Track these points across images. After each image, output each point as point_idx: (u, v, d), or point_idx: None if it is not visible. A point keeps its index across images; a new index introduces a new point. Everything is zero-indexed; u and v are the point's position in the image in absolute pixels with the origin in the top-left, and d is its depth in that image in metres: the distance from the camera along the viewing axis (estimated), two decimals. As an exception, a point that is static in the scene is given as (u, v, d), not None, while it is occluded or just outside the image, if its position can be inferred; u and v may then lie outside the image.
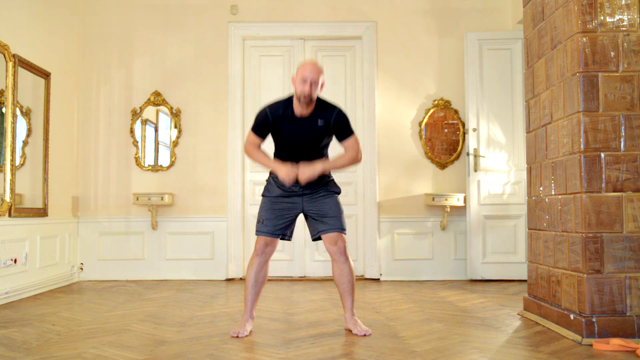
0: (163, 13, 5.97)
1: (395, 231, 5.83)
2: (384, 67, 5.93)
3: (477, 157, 5.62)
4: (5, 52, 4.54)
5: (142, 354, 2.90)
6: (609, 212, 3.15)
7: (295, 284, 5.52)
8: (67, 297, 4.76)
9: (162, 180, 5.88)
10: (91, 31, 5.95)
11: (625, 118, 3.18)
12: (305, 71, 3.20)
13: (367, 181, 5.86)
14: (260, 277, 3.38)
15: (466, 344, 3.11)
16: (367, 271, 5.80)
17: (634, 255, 3.12)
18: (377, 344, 3.09)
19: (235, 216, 5.82)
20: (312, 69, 3.20)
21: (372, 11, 5.97)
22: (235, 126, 5.87)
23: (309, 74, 3.18)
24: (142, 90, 5.93)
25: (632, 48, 3.20)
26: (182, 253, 5.81)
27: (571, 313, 3.24)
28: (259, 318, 3.71)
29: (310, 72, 3.19)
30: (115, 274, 5.78)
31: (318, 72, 3.21)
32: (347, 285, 3.40)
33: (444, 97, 5.90)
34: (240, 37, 5.94)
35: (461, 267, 5.77)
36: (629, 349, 2.91)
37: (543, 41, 3.70)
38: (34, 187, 5.06)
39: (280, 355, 2.89)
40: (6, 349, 3.01)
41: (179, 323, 3.66)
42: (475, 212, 5.60)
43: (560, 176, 3.43)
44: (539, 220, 3.75)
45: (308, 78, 3.17)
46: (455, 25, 5.93)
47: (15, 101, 4.67)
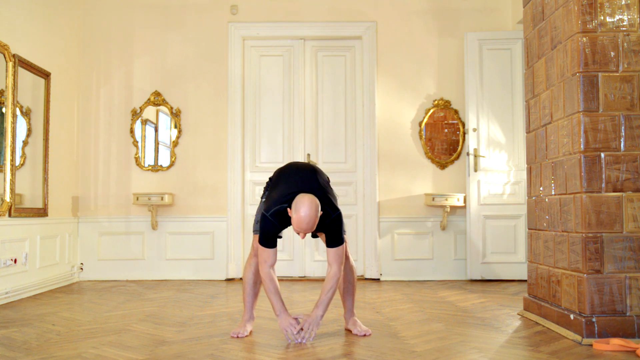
0: (163, 13, 5.97)
1: (395, 231, 5.83)
2: (384, 67, 5.93)
3: (477, 157, 5.62)
4: (5, 52, 4.54)
5: (142, 354, 2.90)
6: (609, 212, 3.14)
7: (295, 284, 5.52)
8: (67, 297, 4.76)
9: (162, 180, 5.88)
10: (91, 31, 5.95)
11: (625, 118, 3.18)
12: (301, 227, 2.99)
13: (367, 181, 5.86)
14: (259, 278, 3.37)
15: (466, 344, 3.11)
16: (367, 271, 5.80)
17: (634, 255, 3.12)
18: (377, 344, 3.09)
19: (235, 216, 5.82)
20: (307, 226, 2.98)
21: (372, 11, 5.97)
22: (235, 126, 5.87)
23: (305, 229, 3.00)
24: (142, 90, 5.93)
25: (632, 48, 3.20)
26: (182, 253, 5.81)
27: (571, 313, 3.24)
28: (259, 318, 3.71)
29: (306, 228, 3.00)
30: (115, 274, 5.78)
31: (314, 224, 3.00)
32: (348, 285, 3.40)
33: (444, 97, 5.90)
34: (240, 37, 5.94)
35: (461, 267, 5.77)
36: (629, 349, 2.91)
37: (543, 41, 3.70)
38: (34, 187, 5.06)
39: (280, 355, 2.89)
40: (6, 349, 3.01)
41: (179, 323, 3.66)
42: (475, 212, 5.60)
43: (560, 176, 3.43)
44: (539, 220, 3.75)
45: (303, 231, 3.02)
46: (455, 25, 5.93)
47: (15, 101, 4.67)
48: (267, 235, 3.11)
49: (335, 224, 3.12)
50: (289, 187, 3.13)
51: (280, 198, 3.10)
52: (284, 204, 3.07)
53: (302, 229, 2.99)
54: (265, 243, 3.12)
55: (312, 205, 2.97)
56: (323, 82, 6.01)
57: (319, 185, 3.16)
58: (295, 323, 3.15)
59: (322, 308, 3.17)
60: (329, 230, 3.13)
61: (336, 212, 3.12)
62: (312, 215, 2.97)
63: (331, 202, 3.13)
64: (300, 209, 2.96)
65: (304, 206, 2.96)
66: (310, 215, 2.96)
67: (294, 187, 3.11)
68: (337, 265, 3.14)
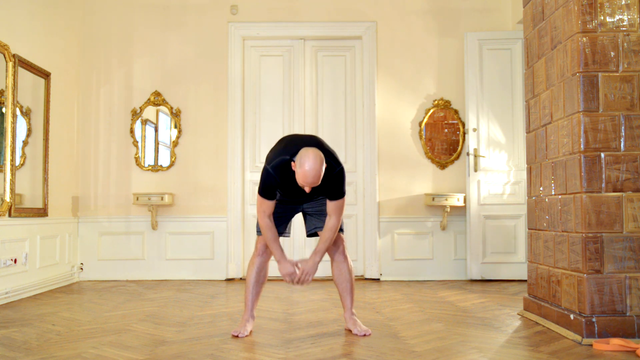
0: (163, 13, 5.97)
1: (395, 231, 5.83)
2: (384, 67, 5.93)
3: (477, 157, 5.62)
4: (5, 52, 4.54)
5: (142, 354, 2.90)
6: (609, 212, 3.15)
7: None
8: (67, 297, 4.76)
9: (162, 180, 5.88)
10: (91, 31, 5.95)
11: (625, 118, 3.18)
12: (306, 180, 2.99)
13: (367, 181, 5.86)
14: (261, 277, 3.39)
15: (466, 344, 3.11)
16: (367, 271, 5.80)
17: (634, 255, 3.12)
18: (377, 344, 3.09)
19: (235, 216, 5.82)
20: (313, 178, 2.98)
21: (372, 11, 5.97)
22: (235, 126, 5.87)
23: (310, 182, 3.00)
24: (142, 90, 5.93)
25: (632, 48, 3.20)
26: (182, 253, 5.81)
27: (571, 313, 3.24)
28: (259, 318, 3.71)
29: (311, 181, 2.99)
30: (115, 274, 5.78)
31: (319, 177, 3.00)
32: (347, 284, 3.40)
33: (444, 97, 5.90)
34: (240, 37, 5.94)
35: (461, 267, 5.77)
36: (629, 349, 2.91)
37: (543, 41, 3.70)
38: (34, 187, 5.06)
39: (280, 355, 2.89)
40: (6, 349, 3.01)
41: (179, 323, 3.66)
42: (475, 212, 5.60)
43: (560, 176, 3.43)
44: (539, 220, 3.75)
45: (308, 184, 3.01)
46: (455, 25, 5.93)
47: (15, 101, 4.67)
48: (267, 188, 3.16)
49: (338, 178, 3.16)
50: (292, 142, 3.18)
51: (283, 150, 3.14)
52: (287, 155, 3.09)
53: (308, 182, 3.00)
54: (265, 194, 3.17)
55: (317, 158, 2.98)
56: (323, 82, 6.01)
57: (321, 144, 3.19)
58: (294, 270, 3.25)
59: (319, 255, 3.27)
60: (332, 185, 3.16)
61: (339, 167, 3.17)
62: (317, 167, 2.98)
63: (334, 157, 3.18)
64: (305, 163, 2.97)
65: (309, 159, 2.97)
66: (315, 168, 2.97)
67: (297, 143, 3.15)
68: (337, 217, 3.23)
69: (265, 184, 3.16)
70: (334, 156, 3.18)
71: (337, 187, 3.18)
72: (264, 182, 3.17)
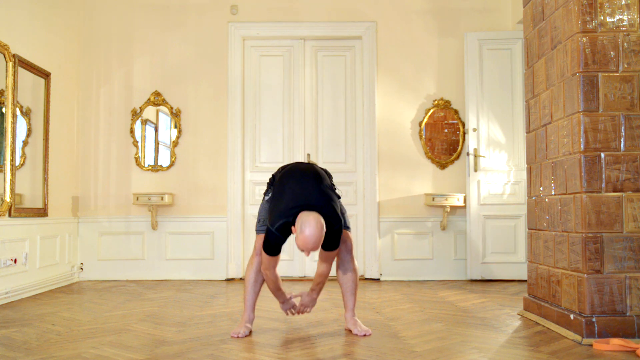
0: (163, 13, 5.97)
1: (395, 231, 5.83)
2: (384, 67, 5.93)
3: (477, 157, 5.62)
4: (5, 52, 4.54)
5: (142, 354, 2.90)
6: (609, 212, 3.14)
7: (295, 284, 5.51)
8: (67, 297, 4.76)
9: (162, 180, 5.88)
10: (91, 31, 5.95)
11: (625, 118, 3.18)
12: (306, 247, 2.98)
13: (367, 181, 5.86)
14: (260, 277, 3.38)
15: (466, 344, 3.11)
16: (367, 271, 5.80)
17: (634, 255, 3.12)
18: (377, 344, 3.09)
19: (235, 216, 5.82)
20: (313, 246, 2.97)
21: (372, 11, 5.97)
22: (235, 126, 5.87)
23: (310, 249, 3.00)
24: (142, 90, 5.93)
25: (632, 48, 3.20)
26: (182, 253, 5.81)
27: (571, 313, 3.24)
28: (259, 318, 3.71)
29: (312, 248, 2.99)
30: (115, 274, 5.78)
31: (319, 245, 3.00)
32: (351, 284, 3.40)
33: (444, 97, 5.90)
34: (240, 37, 5.94)
35: (461, 267, 5.77)
36: (629, 349, 2.91)
37: (543, 41, 3.70)
38: (34, 187, 5.06)
39: (280, 355, 2.89)
40: (6, 349, 3.01)
41: (179, 323, 3.66)
42: (475, 212, 5.60)
43: (560, 176, 3.43)
44: (539, 220, 3.75)
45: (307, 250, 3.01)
46: (455, 25, 5.93)
47: (15, 101, 4.67)
48: (272, 246, 3.13)
49: (335, 234, 3.13)
50: (293, 199, 3.10)
51: (285, 211, 3.08)
52: (289, 218, 3.06)
53: (308, 248, 2.99)
54: (270, 252, 3.13)
55: (318, 226, 2.95)
56: (323, 82, 6.01)
57: (322, 194, 3.13)
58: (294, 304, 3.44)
59: (316, 292, 3.40)
60: (329, 239, 3.13)
61: (338, 225, 3.11)
62: (317, 235, 2.96)
63: (335, 212, 3.11)
64: (305, 230, 2.95)
65: (309, 227, 2.95)
66: (315, 235, 2.96)
67: (298, 200, 3.09)
68: (328, 265, 3.27)
69: (271, 244, 3.12)
70: (335, 211, 3.11)
71: (334, 240, 3.15)
72: (269, 242, 3.11)
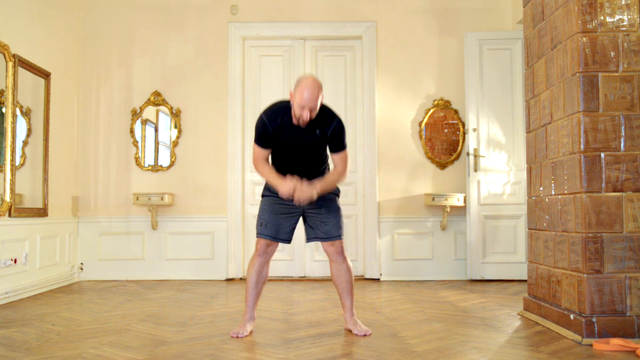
0: (163, 13, 5.97)
1: (395, 231, 5.83)
2: (384, 67, 5.93)
3: (477, 157, 5.62)
4: (5, 52, 4.54)
5: (142, 354, 2.90)
6: (609, 212, 3.14)
7: (295, 284, 5.52)
8: (67, 297, 4.76)
9: (162, 180, 5.88)
10: (91, 31, 5.95)
11: (625, 118, 3.18)
12: (303, 99, 3.03)
13: (367, 181, 5.86)
14: (261, 278, 3.38)
15: (466, 344, 3.11)
16: (367, 271, 5.80)
17: (634, 255, 3.12)
18: (377, 344, 3.09)
19: (235, 216, 5.82)
20: (310, 96, 3.02)
21: (372, 11, 5.97)
22: (235, 126, 5.87)
23: (307, 102, 3.04)
24: (142, 90, 5.93)
25: (632, 48, 3.20)
26: (182, 253, 5.81)
27: (571, 313, 3.24)
28: (259, 318, 3.71)
29: (309, 100, 3.03)
30: (115, 274, 5.78)
31: (317, 98, 3.05)
32: (346, 285, 3.40)
33: (444, 97, 5.90)
34: (240, 37, 5.94)
35: (461, 267, 5.77)
36: (629, 349, 2.91)
37: (543, 41, 3.70)
38: (34, 187, 5.06)
39: (280, 355, 2.90)
40: (6, 349, 3.01)
41: (179, 323, 3.66)
42: (475, 212, 5.60)
43: (560, 176, 3.43)
44: (539, 220, 3.75)
45: (306, 106, 3.05)
46: (455, 25, 5.93)
47: (15, 101, 4.67)
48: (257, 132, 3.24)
49: (338, 128, 3.23)
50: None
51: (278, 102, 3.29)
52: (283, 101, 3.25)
53: (305, 101, 3.04)
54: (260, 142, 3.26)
55: (315, 81, 3.08)
56: (323, 82, 5.98)
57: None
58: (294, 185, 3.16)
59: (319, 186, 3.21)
60: (334, 136, 3.24)
61: (337, 117, 3.26)
62: (314, 87, 3.05)
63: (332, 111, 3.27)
64: (302, 82, 3.08)
65: (307, 79, 3.08)
66: (312, 87, 3.04)
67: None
68: (343, 166, 3.32)
69: (258, 130, 3.25)
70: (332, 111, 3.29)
71: (339, 137, 3.26)
72: (256, 129, 3.25)
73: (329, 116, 3.24)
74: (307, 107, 3.06)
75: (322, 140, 3.28)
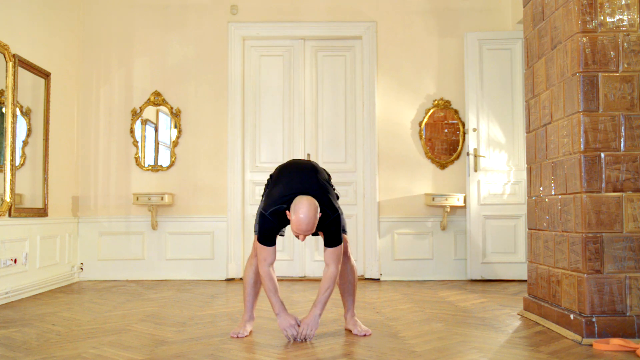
0: (163, 13, 5.97)
1: (395, 231, 5.83)
2: (384, 67, 5.93)
3: (477, 157, 5.62)
4: (5, 52, 4.54)
5: (142, 354, 2.90)
6: (609, 212, 3.14)
7: (295, 284, 5.52)
8: (67, 297, 4.76)
9: (162, 180, 5.88)
10: (91, 31, 5.95)
11: (625, 118, 3.18)
12: (300, 229, 2.98)
13: (367, 181, 5.86)
14: (259, 278, 3.37)
15: (466, 344, 3.11)
16: (367, 271, 5.80)
17: (634, 255, 3.12)
18: (377, 344, 3.09)
19: (235, 216, 5.82)
20: (307, 226, 2.96)
21: (372, 11, 5.97)
22: (235, 126, 5.87)
23: (304, 231, 2.98)
24: (142, 90, 5.93)
25: (632, 48, 3.20)
26: (182, 253, 5.81)
27: (571, 313, 3.24)
28: (259, 318, 3.71)
29: (305, 230, 2.98)
30: (115, 274, 5.78)
31: (313, 225, 2.98)
32: (349, 285, 3.40)
33: (444, 97, 5.90)
34: (240, 37, 5.94)
35: (461, 267, 5.77)
36: (629, 349, 2.91)
37: (543, 41, 3.70)
38: (34, 187, 5.06)
39: (280, 355, 2.89)
40: (6, 349, 3.01)
41: (179, 323, 3.66)
42: (475, 212, 5.60)
43: (560, 176, 3.43)
44: (539, 220, 3.75)
45: (303, 233, 3.00)
46: (455, 25, 5.93)
47: (15, 101, 4.67)
48: (266, 234, 3.11)
49: (333, 224, 3.11)
50: (289, 187, 3.11)
51: (279, 198, 3.10)
52: (283, 204, 3.07)
53: (301, 231, 2.98)
54: (264, 241, 3.12)
55: (311, 208, 2.95)
56: (323, 82, 6.01)
57: (318, 185, 3.14)
58: (294, 323, 3.16)
59: (319, 307, 3.16)
60: (328, 231, 3.13)
61: (335, 214, 3.11)
62: (310, 217, 2.95)
63: (330, 203, 3.12)
64: (299, 211, 2.95)
65: (303, 208, 2.95)
66: (308, 217, 2.95)
67: (293, 188, 3.10)
68: (335, 265, 3.15)
69: (264, 229, 3.11)
70: (331, 202, 3.11)
71: (333, 233, 3.11)
72: (262, 228, 3.11)
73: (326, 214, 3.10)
74: (302, 233, 3.00)
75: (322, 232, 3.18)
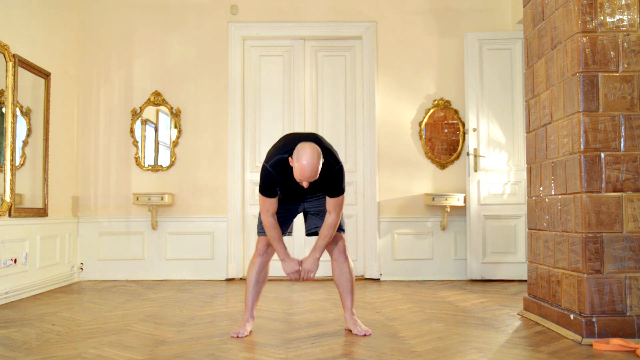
0: (163, 13, 5.97)
1: (395, 231, 5.83)
2: (384, 67, 5.93)
3: (477, 157, 5.62)
4: (5, 52, 4.54)
5: (142, 354, 2.90)
6: (609, 212, 3.14)
7: (295, 284, 5.52)
8: (67, 297, 4.76)
9: (162, 180, 5.88)
10: (91, 31, 5.95)
11: (625, 118, 3.18)
12: (303, 175, 2.99)
13: (367, 181, 5.86)
14: (262, 277, 3.39)
15: (466, 344, 3.11)
16: (367, 271, 5.80)
17: (634, 255, 3.12)
18: (377, 344, 3.09)
19: (235, 216, 5.82)
20: (310, 173, 2.97)
21: (372, 11, 5.97)
22: (235, 126, 5.87)
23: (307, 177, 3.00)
24: (142, 90, 5.93)
25: (632, 48, 3.20)
26: (182, 253, 5.81)
27: (571, 313, 3.24)
28: (259, 318, 3.71)
29: (308, 176, 2.99)
30: (115, 274, 5.78)
31: (316, 171, 2.99)
32: (347, 284, 3.41)
33: (444, 97, 5.90)
34: (240, 37, 5.94)
35: (461, 267, 5.77)
36: (629, 349, 2.91)
37: (543, 41, 3.70)
38: (34, 187, 5.06)
39: (280, 355, 2.90)
40: (6, 349, 3.01)
41: (179, 323, 3.66)
42: (475, 212, 5.60)
43: (560, 176, 3.43)
44: (539, 220, 3.75)
45: (306, 179, 3.01)
46: (455, 25, 5.93)
47: (15, 101, 4.67)
48: (267, 185, 3.16)
49: (337, 176, 3.16)
50: (290, 140, 3.18)
51: (281, 148, 3.15)
52: (285, 153, 3.10)
53: (305, 177, 3.00)
54: (265, 193, 3.18)
55: (314, 153, 2.99)
56: (323, 82, 6.01)
57: (320, 140, 3.20)
58: (298, 268, 3.29)
59: (319, 251, 3.28)
60: (331, 183, 3.17)
61: (338, 164, 3.17)
62: (314, 162, 2.98)
63: (333, 154, 3.17)
64: (302, 157, 2.98)
65: (306, 153, 2.98)
66: (312, 162, 2.97)
67: (295, 139, 3.15)
68: (336, 214, 3.23)
69: (265, 182, 3.17)
70: (333, 154, 3.19)
71: (337, 184, 3.18)
72: (263, 181, 3.18)
73: (330, 164, 3.13)
74: (306, 180, 3.02)
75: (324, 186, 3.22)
